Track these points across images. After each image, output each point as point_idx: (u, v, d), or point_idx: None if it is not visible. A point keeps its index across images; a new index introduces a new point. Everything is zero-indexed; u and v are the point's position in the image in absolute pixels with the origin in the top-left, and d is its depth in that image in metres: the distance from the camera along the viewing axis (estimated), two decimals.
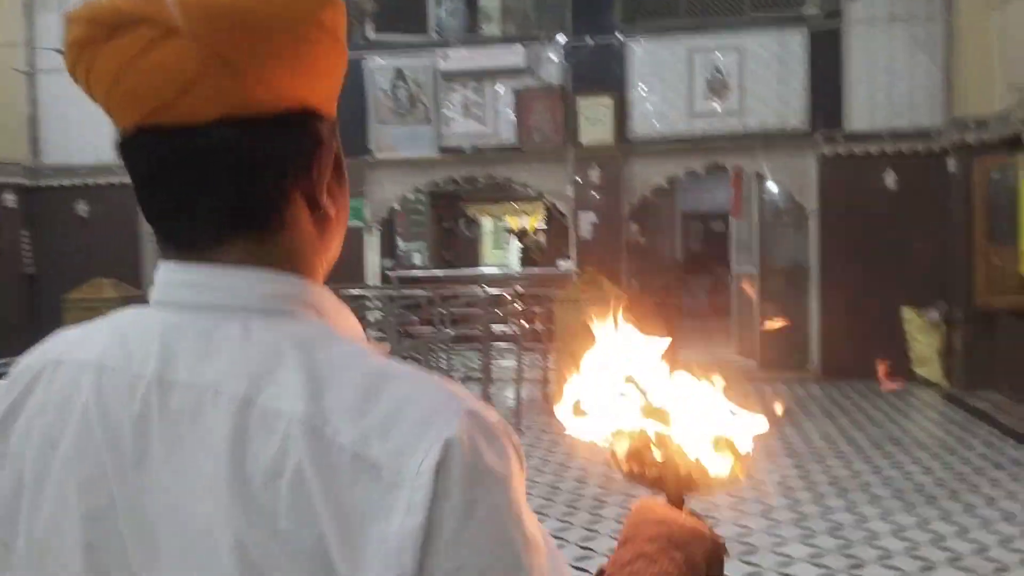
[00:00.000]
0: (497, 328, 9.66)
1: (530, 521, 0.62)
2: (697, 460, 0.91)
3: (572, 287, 8.07)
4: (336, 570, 0.58)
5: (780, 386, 9.26)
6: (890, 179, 9.14)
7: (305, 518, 0.58)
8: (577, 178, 9.93)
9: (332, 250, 0.75)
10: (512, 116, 10.05)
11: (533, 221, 15.50)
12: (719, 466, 0.92)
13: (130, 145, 0.67)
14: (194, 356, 0.65)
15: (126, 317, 0.72)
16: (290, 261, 0.69)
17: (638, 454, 0.93)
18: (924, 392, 8.80)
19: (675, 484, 0.92)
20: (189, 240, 0.68)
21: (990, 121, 8.20)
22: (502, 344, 10.20)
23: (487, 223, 16.85)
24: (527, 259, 15.23)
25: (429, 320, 9.43)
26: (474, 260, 14.63)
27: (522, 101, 10.02)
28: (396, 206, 10.90)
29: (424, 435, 0.59)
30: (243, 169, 0.66)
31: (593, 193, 9.93)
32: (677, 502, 0.92)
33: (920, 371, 9.08)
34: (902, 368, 9.09)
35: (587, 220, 10.13)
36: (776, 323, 9.51)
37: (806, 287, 9.78)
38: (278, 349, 0.64)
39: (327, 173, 0.71)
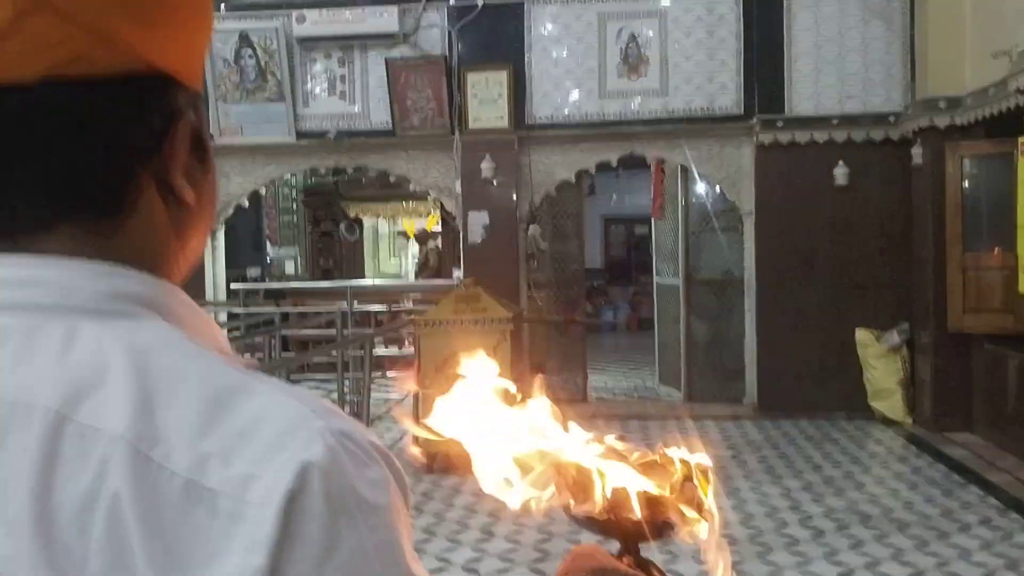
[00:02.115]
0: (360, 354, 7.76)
1: (416, 566, 0.51)
2: (655, 496, 0.78)
3: (442, 304, 6.18)
4: None
5: (709, 425, 7.54)
6: (841, 173, 7.51)
7: (119, 561, 0.46)
8: (460, 170, 8.08)
9: (192, 247, 0.62)
10: (385, 94, 8.14)
11: (432, 223, 13.56)
12: (681, 502, 0.79)
13: None
14: (1, 366, 0.51)
15: None
16: (135, 257, 0.56)
17: (584, 489, 0.79)
18: (883, 433, 7.18)
19: (628, 527, 0.79)
20: (5, 225, 0.55)
21: (966, 100, 6.61)
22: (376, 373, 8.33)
23: (383, 226, 14.84)
24: (426, 269, 13.29)
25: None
26: (359, 269, 12.62)
27: (397, 75, 8.10)
28: (245, 203, 8.86)
29: (275, 457, 0.48)
30: (73, 137, 0.54)
31: (491, 183, 8.09)
32: (631, 550, 0.80)
33: (878, 406, 7.47)
34: (858, 402, 7.48)
35: (478, 222, 8.29)
36: None
37: (740, 303, 8.11)
38: (107, 356, 0.51)
39: (183, 151, 0.58)
